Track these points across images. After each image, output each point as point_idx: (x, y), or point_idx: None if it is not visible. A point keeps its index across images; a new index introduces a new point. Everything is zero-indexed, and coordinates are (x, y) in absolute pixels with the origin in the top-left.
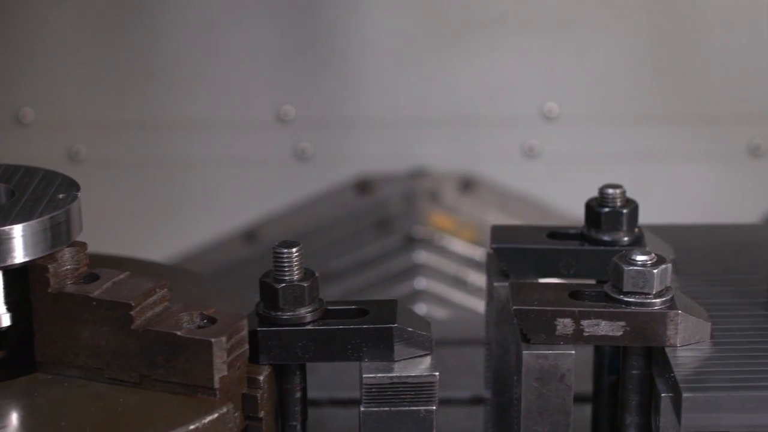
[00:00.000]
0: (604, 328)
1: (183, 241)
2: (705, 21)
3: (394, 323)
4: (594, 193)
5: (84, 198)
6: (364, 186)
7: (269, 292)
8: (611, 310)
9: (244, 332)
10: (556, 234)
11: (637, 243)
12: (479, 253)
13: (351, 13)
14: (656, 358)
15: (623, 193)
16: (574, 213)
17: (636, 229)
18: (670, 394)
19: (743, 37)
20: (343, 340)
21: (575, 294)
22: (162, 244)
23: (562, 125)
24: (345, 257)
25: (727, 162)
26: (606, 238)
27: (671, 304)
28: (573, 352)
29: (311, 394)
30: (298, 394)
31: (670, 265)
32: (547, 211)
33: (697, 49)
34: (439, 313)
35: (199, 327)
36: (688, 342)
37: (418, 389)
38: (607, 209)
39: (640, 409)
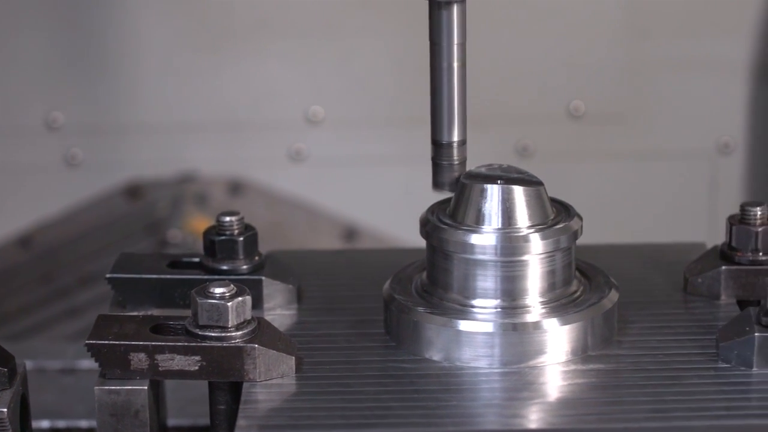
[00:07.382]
0: (180, 362)
1: None
2: (470, 23)
3: None
4: (361, 193)
5: None
6: (133, 191)
7: None
8: (185, 344)
9: None
10: (176, 263)
11: (257, 271)
12: None
13: (118, 19)
14: (242, 393)
15: (241, 219)
16: (342, 214)
17: (257, 257)
18: None
19: (509, 39)
20: None
21: (159, 328)
22: None
23: (327, 128)
24: (105, 261)
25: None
26: (224, 267)
27: (251, 338)
28: (146, 387)
29: None
30: None
31: (248, 297)
32: (315, 213)
33: None
34: None
35: None
36: (270, 377)
37: None
38: (222, 237)
39: None
